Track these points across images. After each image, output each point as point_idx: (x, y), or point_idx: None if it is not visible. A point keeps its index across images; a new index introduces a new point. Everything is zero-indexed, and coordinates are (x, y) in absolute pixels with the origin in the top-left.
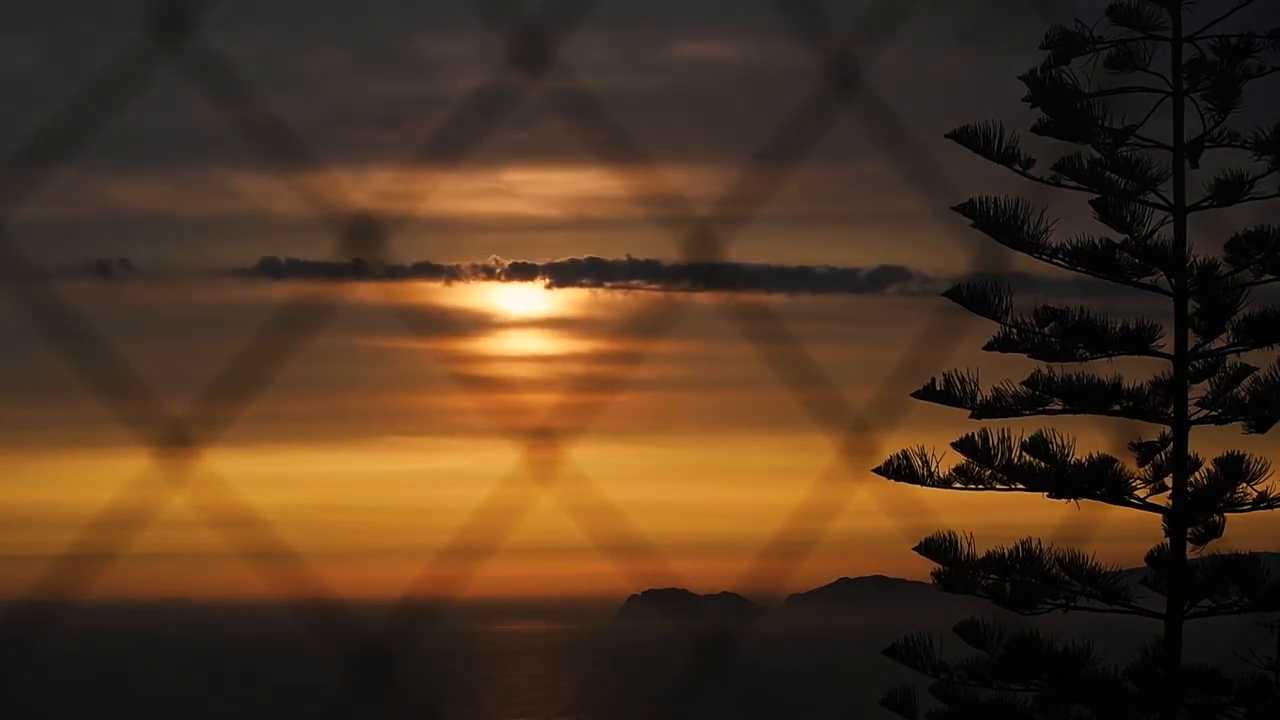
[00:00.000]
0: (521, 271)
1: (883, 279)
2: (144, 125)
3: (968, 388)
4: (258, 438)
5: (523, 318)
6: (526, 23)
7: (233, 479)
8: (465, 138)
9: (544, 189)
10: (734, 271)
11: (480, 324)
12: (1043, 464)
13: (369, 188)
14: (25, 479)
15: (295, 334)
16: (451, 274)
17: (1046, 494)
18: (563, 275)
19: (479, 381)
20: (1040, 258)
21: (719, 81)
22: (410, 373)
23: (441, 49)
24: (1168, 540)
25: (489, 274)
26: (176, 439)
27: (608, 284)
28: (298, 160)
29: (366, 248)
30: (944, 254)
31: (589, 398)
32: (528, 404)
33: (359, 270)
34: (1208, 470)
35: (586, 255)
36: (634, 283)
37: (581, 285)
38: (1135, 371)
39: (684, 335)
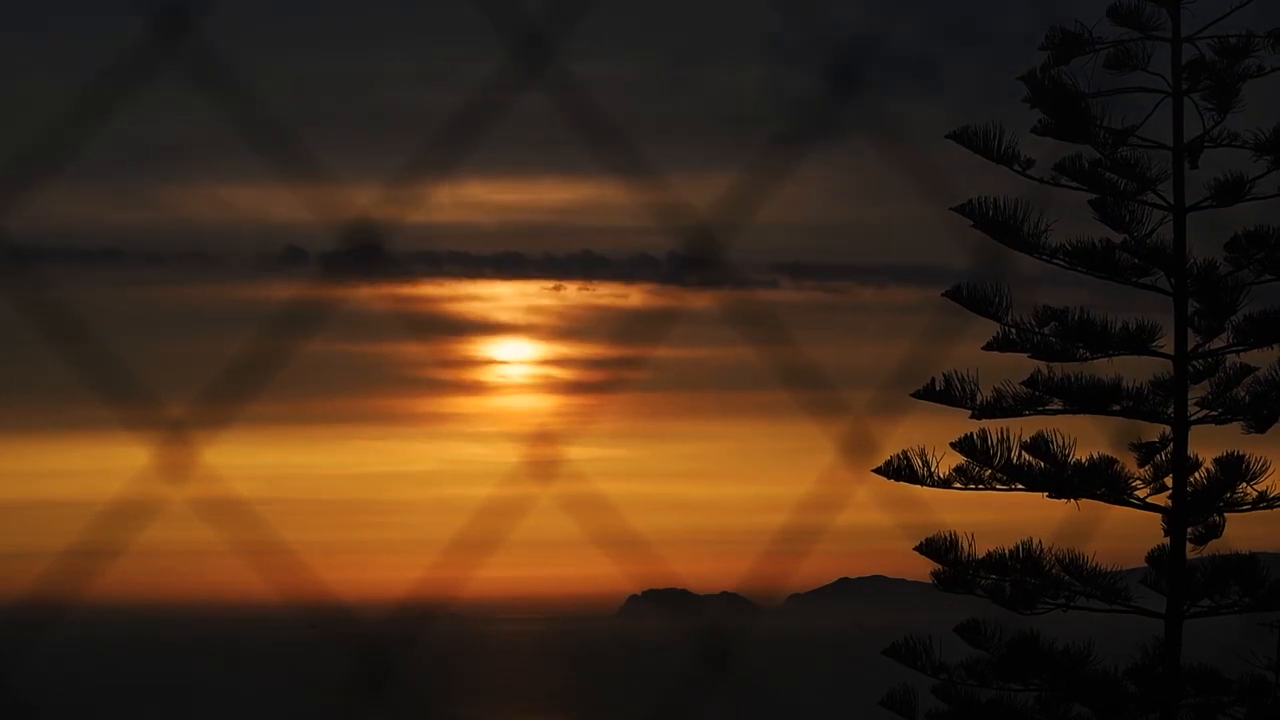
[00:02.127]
0: (514, 272)
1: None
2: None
3: (968, 388)
4: (253, 438)
5: (521, 321)
6: (527, 27)
7: (230, 478)
8: (462, 141)
9: (533, 193)
10: (732, 272)
11: (479, 327)
12: (1043, 464)
13: (367, 190)
14: (23, 476)
15: (292, 336)
16: (442, 271)
17: (1046, 494)
18: (552, 275)
19: (479, 384)
20: (1040, 258)
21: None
22: (410, 375)
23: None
24: (1168, 540)
25: (483, 275)
26: (175, 439)
27: (595, 284)
28: (297, 162)
29: (363, 250)
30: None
31: (586, 399)
32: (528, 406)
33: (357, 272)
34: (1208, 470)
35: (572, 255)
36: (624, 284)
37: (572, 284)
38: (1135, 371)
39: (680, 334)
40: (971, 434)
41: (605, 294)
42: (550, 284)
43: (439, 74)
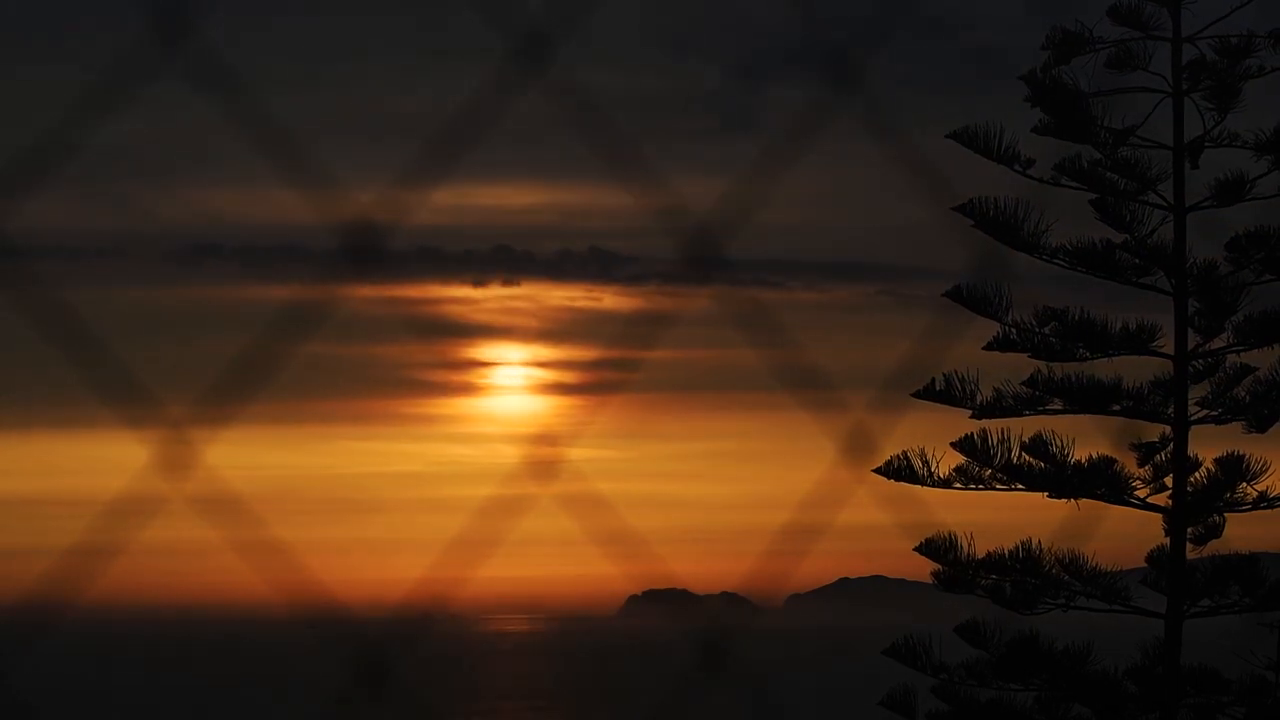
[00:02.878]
0: (514, 275)
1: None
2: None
3: (968, 388)
4: (252, 438)
5: (521, 323)
6: (527, 26)
7: (230, 478)
8: (461, 142)
9: (527, 195)
10: (732, 271)
11: (479, 330)
12: (1043, 464)
13: (366, 191)
14: (22, 475)
15: (290, 337)
16: (442, 274)
17: (1046, 494)
18: (551, 277)
19: (479, 386)
20: (1040, 258)
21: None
22: (410, 376)
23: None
24: (1168, 540)
25: (483, 278)
26: (175, 439)
27: (591, 286)
28: (296, 163)
29: (362, 252)
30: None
31: (586, 399)
32: (528, 407)
33: (357, 274)
34: (1208, 470)
35: (566, 258)
36: (621, 286)
37: (568, 287)
38: (1135, 371)
39: (679, 335)
40: (972, 434)
41: (602, 296)
42: (546, 287)
43: (436, 76)
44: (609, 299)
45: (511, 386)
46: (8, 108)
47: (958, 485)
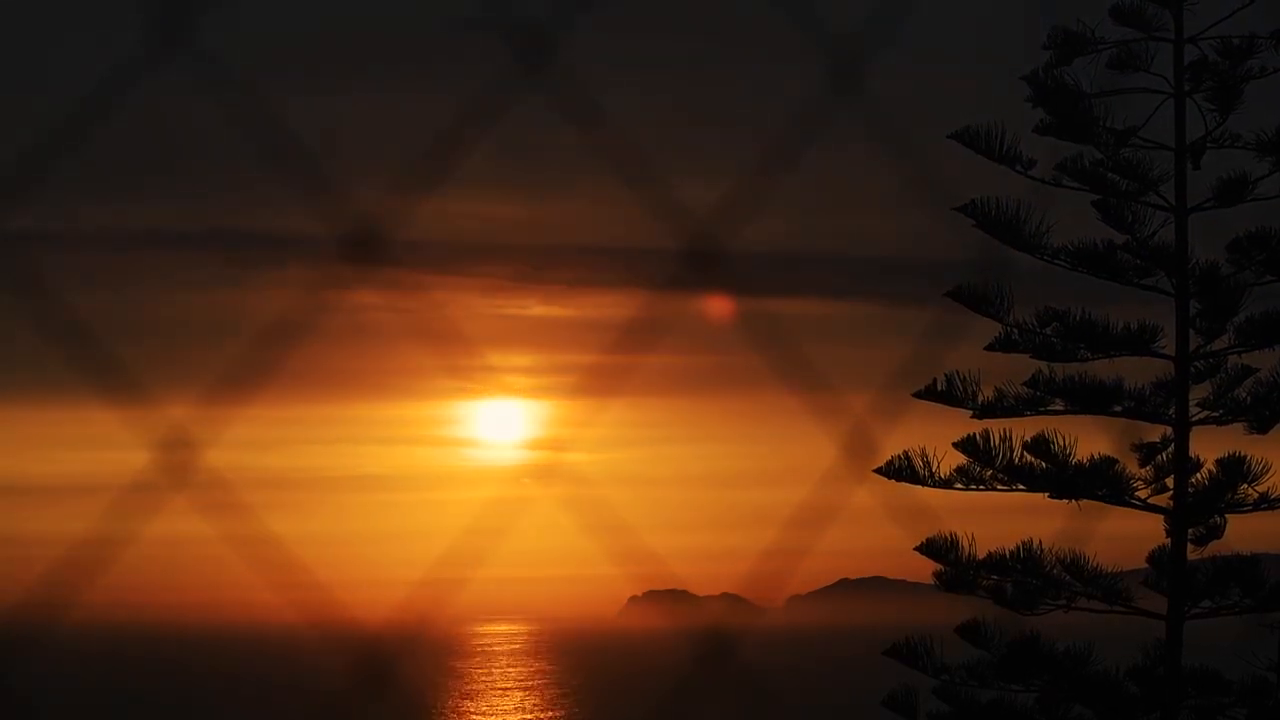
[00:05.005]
0: (513, 277)
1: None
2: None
3: (969, 388)
4: (252, 439)
5: (523, 326)
6: (527, 28)
7: (231, 479)
8: (462, 144)
9: (526, 197)
10: (734, 274)
11: (482, 333)
12: (1044, 464)
13: (368, 195)
14: (21, 473)
15: (293, 339)
16: (443, 280)
17: (1048, 494)
18: (549, 281)
19: (481, 388)
20: (1041, 258)
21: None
22: (411, 379)
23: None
24: (1169, 541)
25: (482, 282)
26: (176, 440)
27: (594, 288)
28: (300, 164)
29: (364, 253)
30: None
31: (587, 402)
32: (528, 410)
33: (359, 277)
34: (1209, 471)
35: (566, 260)
36: (623, 289)
37: (569, 290)
38: (1137, 372)
39: (679, 336)
40: (973, 434)
41: (605, 298)
42: (547, 289)
43: (438, 79)
44: (605, 303)
45: (510, 390)
46: (8, 108)
47: (959, 485)
